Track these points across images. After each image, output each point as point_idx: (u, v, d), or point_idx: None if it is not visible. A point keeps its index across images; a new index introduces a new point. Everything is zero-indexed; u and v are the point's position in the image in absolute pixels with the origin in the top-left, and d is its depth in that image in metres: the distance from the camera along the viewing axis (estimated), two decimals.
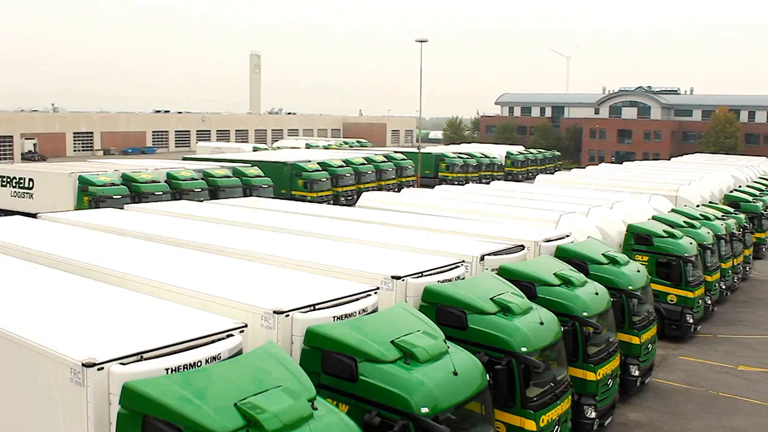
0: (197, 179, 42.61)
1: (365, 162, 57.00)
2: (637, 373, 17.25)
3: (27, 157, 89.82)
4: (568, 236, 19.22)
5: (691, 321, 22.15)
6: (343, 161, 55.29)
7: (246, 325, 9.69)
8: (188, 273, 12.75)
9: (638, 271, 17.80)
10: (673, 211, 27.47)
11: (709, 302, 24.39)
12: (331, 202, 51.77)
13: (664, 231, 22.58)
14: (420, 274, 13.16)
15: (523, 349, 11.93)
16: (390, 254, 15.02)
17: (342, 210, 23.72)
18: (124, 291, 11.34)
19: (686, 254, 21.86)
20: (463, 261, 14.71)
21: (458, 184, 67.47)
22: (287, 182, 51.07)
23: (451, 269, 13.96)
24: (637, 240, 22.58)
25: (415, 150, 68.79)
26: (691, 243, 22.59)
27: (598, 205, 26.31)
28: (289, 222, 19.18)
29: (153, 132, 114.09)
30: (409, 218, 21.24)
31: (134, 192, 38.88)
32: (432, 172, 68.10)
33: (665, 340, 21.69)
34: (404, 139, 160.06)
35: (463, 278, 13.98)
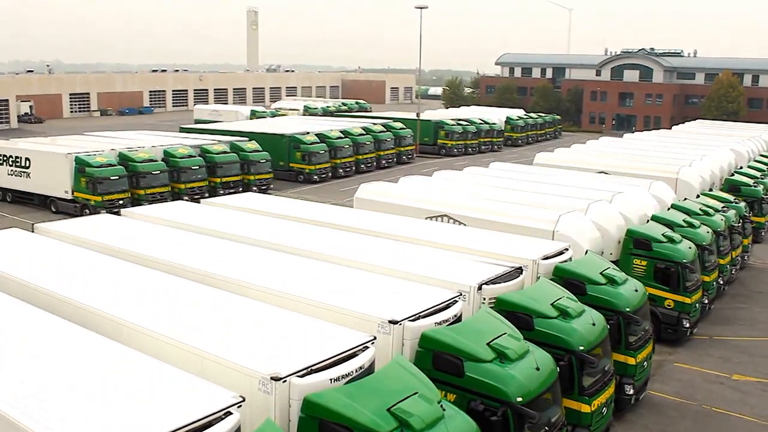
0: (194, 156, 42.40)
1: (364, 132, 56.58)
2: (631, 391, 17.37)
3: (24, 119, 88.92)
4: (567, 249, 19.13)
5: (688, 325, 22.26)
6: (342, 132, 54.86)
7: (244, 399, 9.67)
8: (183, 317, 12.69)
9: (636, 291, 17.77)
10: (672, 207, 27.32)
11: (706, 301, 24.45)
12: (329, 174, 51.71)
13: (664, 235, 22.49)
14: (417, 316, 13.10)
15: (519, 399, 11.97)
16: (385, 284, 14.91)
17: (336, 212, 23.31)
18: (118, 348, 11.27)
19: (685, 260, 21.83)
20: (461, 293, 14.67)
21: (457, 152, 67.52)
22: (285, 155, 50.85)
23: (449, 305, 13.90)
24: (636, 244, 22.52)
25: (413, 117, 68.09)
26: (690, 247, 22.53)
27: (597, 200, 26.18)
28: (282, 236, 18.91)
29: (150, 92, 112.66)
30: (404, 225, 21.08)
31: (131, 171, 38.75)
32: (431, 140, 67.67)
33: (661, 344, 21.82)
34: (403, 96, 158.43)
35: (461, 315, 13.94)
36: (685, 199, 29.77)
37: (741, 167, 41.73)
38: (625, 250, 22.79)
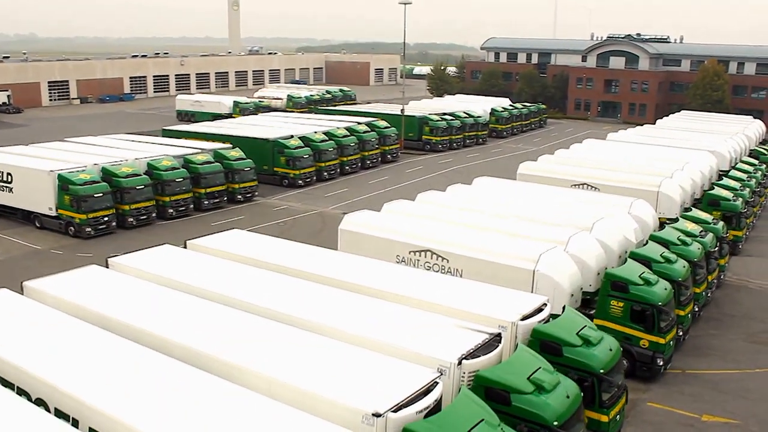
0: (178, 168, 42.39)
1: (348, 133, 56.60)
2: None
3: (1, 109, 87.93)
4: (545, 305, 19.55)
5: (661, 363, 22.93)
6: (325, 134, 54.84)
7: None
8: (162, 404, 13.16)
9: (610, 350, 18.32)
10: (651, 238, 27.83)
11: (680, 334, 25.10)
12: (314, 177, 51.86)
13: (640, 277, 23.02)
14: (399, 407, 13.50)
15: None
16: (364, 361, 15.25)
17: (315, 258, 23.23)
18: None
19: (660, 303, 22.43)
20: (441, 372, 15.11)
21: (442, 147, 68.05)
22: (269, 159, 50.92)
23: (430, 389, 14.31)
24: (613, 287, 23.06)
25: (398, 113, 68.13)
26: (665, 289, 23.09)
27: (577, 232, 26.68)
28: (259, 295, 19.17)
29: (131, 78, 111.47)
30: (383, 276, 21.39)
31: (115, 187, 38.76)
32: (416, 135, 67.95)
33: (636, 381, 22.57)
34: (388, 77, 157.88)
35: (441, 398, 14.39)
36: (664, 226, 30.20)
37: (721, 178, 42.07)
38: (604, 291, 23.32)
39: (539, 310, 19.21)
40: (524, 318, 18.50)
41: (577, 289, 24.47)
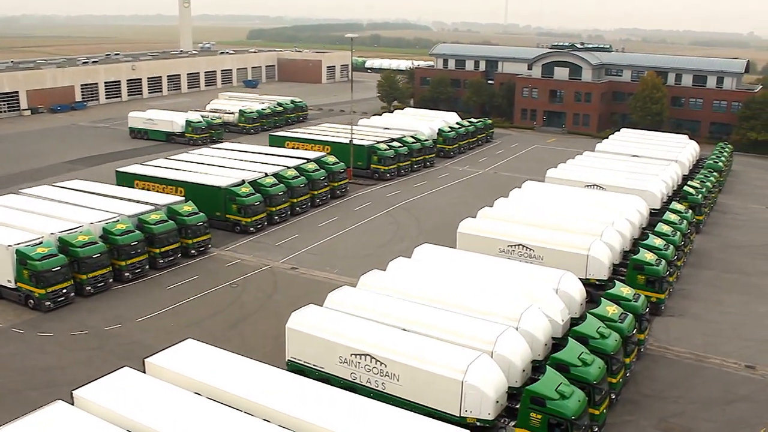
0: (133, 231, 43.59)
1: (297, 175, 58.21)
2: None
3: None
4: None
5: None
6: (276, 177, 56.35)
7: None
8: None
9: None
10: (572, 334, 30.40)
11: (596, 429, 27.90)
12: (265, 222, 53.52)
13: (557, 391, 25.69)
14: None
15: None
16: None
17: (263, 388, 24.96)
18: None
19: (573, 417, 25.16)
20: None
21: (390, 176, 70.34)
22: (221, 207, 52.39)
23: None
24: (532, 401, 25.70)
25: (346, 142, 69.91)
26: (579, 401, 25.82)
27: (504, 330, 29.32)
28: None
29: (82, 86, 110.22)
30: (322, 411, 23.35)
31: (72, 257, 39.90)
32: (365, 164, 69.93)
33: None
34: (340, 74, 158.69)
35: None
36: (591, 310, 32.72)
37: (647, 238, 44.41)
38: (524, 404, 25.93)
39: None
40: None
41: (503, 394, 27.15)
